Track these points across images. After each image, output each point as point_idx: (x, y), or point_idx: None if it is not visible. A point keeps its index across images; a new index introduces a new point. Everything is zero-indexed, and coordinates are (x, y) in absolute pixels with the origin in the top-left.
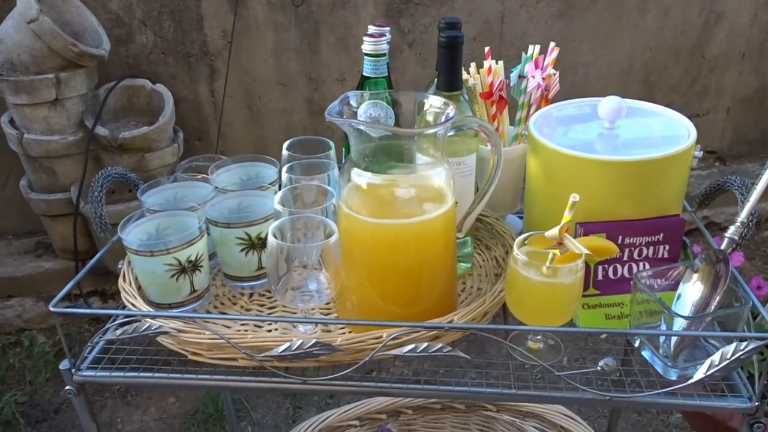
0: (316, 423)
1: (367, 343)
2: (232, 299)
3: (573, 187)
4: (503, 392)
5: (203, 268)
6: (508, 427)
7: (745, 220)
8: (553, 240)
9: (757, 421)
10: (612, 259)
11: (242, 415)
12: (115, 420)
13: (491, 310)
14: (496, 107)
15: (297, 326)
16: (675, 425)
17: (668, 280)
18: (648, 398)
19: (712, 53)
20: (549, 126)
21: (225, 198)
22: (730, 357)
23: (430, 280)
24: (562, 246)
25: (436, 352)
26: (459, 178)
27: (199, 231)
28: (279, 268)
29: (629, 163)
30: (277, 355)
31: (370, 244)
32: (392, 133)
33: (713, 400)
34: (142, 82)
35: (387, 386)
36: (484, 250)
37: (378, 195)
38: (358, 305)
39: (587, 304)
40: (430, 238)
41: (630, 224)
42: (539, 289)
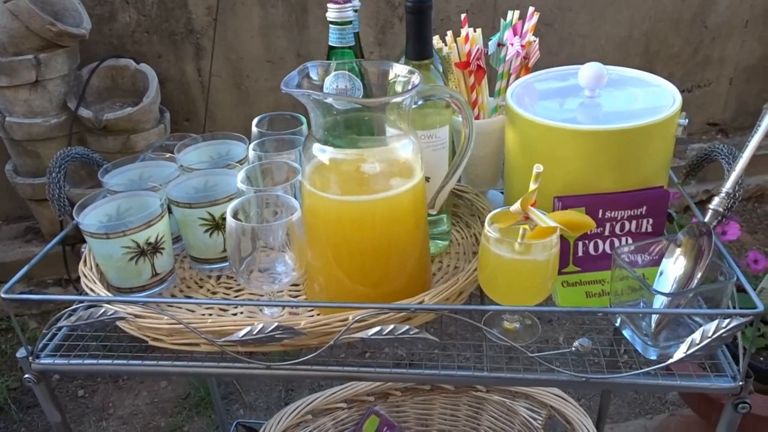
0: (303, 405)
1: (332, 326)
2: (199, 282)
3: (551, 159)
4: (474, 375)
5: (165, 251)
6: (498, 407)
7: (731, 190)
8: (520, 215)
9: (742, 400)
10: (593, 235)
11: (234, 398)
12: (107, 405)
13: (466, 289)
14: (474, 77)
15: (263, 310)
16: (672, 402)
17: (651, 255)
18: (626, 379)
19: (714, 21)
20: (528, 96)
21: (190, 177)
22: (711, 335)
23: (399, 258)
24: (530, 221)
25: (403, 335)
26: (431, 151)
27: (159, 212)
28: (241, 249)
29: (609, 133)
30: (238, 340)
31: (335, 222)
32: (352, 103)
33: (695, 380)
34: (126, 61)
35: (353, 370)
36: (463, 227)
37: (341, 171)
38: (326, 287)
39: (567, 281)
40: (397, 215)
41: (611, 197)
42: (512, 267)
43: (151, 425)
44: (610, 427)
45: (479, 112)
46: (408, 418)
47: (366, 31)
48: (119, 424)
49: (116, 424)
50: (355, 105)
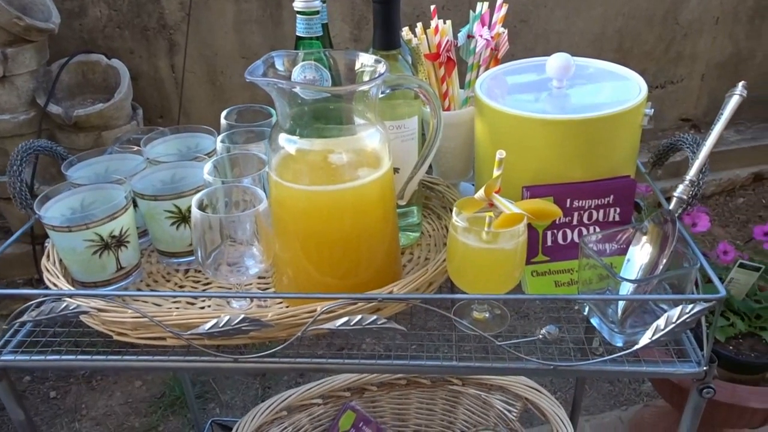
0: (277, 402)
1: (300, 317)
2: (166, 276)
3: (520, 149)
4: (443, 365)
5: (130, 244)
6: (474, 400)
7: (695, 178)
8: (484, 202)
9: (706, 385)
10: (561, 224)
11: (210, 397)
12: (79, 406)
13: (436, 280)
14: (444, 69)
15: (230, 303)
16: (646, 393)
17: (618, 244)
18: (593, 366)
19: (685, 18)
20: (497, 87)
21: (157, 170)
22: (675, 320)
23: (368, 249)
24: (495, 208)
25: (370, 325)
26: (400, 142)
27: (123, 204)
28: (206, 241)
29: (576, 122)
30: (204, 333)
31: (302, 213)
32: (318, 93)
33: (661, 366)
34: (97, 57)
35: (321, 361)
36: (434, 219)
37: (308, 161)
38: (294, 279)
39: (536, 271)
40: (365, 205)
41: (578, 186)
42: (479, 255)
43: (125, 426)
44: (586, 419)
45: (450, 104)
46: (384, 413)
47: (342, 27)
48: (92, 426)
49: (89, 425)
50: (322, 95)
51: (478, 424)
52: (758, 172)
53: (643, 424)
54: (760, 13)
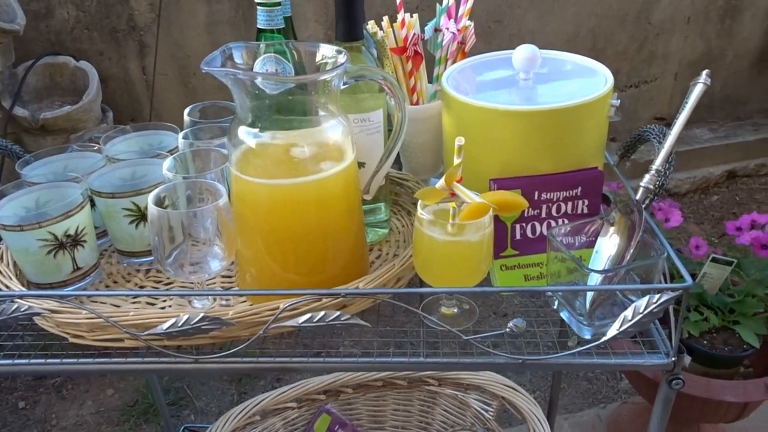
0: (250, 406)
1: (262, 315)
2: (127, 277)
3: (487, 141)
4: (410, 361)
5: (87, 244)
6: (450, 400)
7: (661, 168)
8: (445, 191)
9: (675, 377)
10: (529, 217)
11: (185, 404)
12: (49, 416)
13: (404, 275)
14: (411, 63)
15: (192, 302)
16: (624, 391)
17: (587, 236)
18: (562, 359)
19: (657, 18)
20: (464, 80)
21: (116, 168)
22: (643, 311)
23: (333, 245)
24: (456, 197)
25: (334, 321)
26: (365, 136)
27: (78, 202)
28: (165, 239)
29: (541, 113)
30: (162, 333)
31: (263, 208)
32: (278, 85)
33: (630, 358)
34: (65, 59)
35: (284, 360)
36: (404, 216)
37: (268, 154)
38: (258, 277)
39: (505, 265)
40: (328, 199)
41: (546, 178)
42: (445, 249)
43: None
44: (565, 417)
45: (418, 98)
46: (360, 415)
47: (315, 28)
48: None
49: None
50: (283, 86)
51: (455, 424)
52: (731, 169)
53: (621, 421)
54: (730, 13)
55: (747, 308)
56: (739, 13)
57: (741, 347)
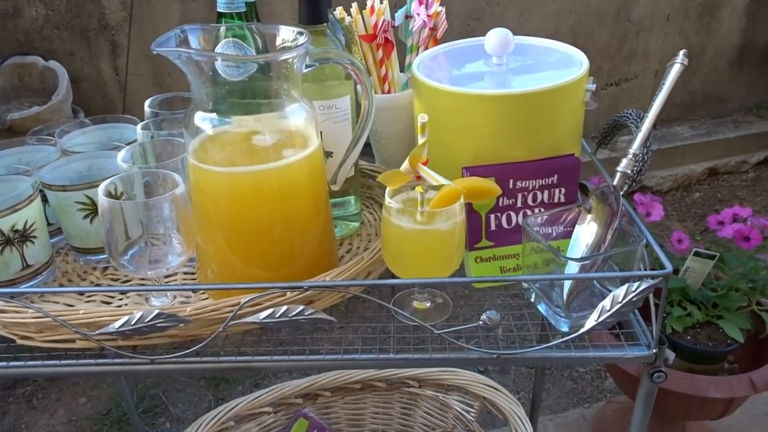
0: (224, 412)
1: (222, 311)
2: (83, 275)
3: (459, 128)
4: (379, 357)
5: (38, 240)
6: (431, 402)
7: (638, 151)
8: (410, 174)
9: (657, 369)
10: (504, 207)
11: (160, 411)
12: (18, 426)
13: (374, 269)
14: (382, 51)
15: (149, 300)
16: (609, 390)
17: (564, 226)
18: (539, 353)
19: (637, 15)
20: (436, 67)
21: (71, 161)
22: (621, 300)
23: (299, 237)
24: (423, 181)
25: (297, 317)
26: (332, 124)
27: (27, 195)
28: (117, 233)
29: (515, 97)
30: (114, 332)
31: (223, 198)
32: (234, 66)
33: (609, 351)
34: (33, 59)
35: (247, 359)
36: (376, 209)
37: (227, 141)
38: (219, 273)
39: (480, 257)
40: (292, 188)
41: (521, 166)
42: (414, 238)
43: None
44: (549, 418)
45: (390, 87)
46: (339, 419)
47: None
48: None
49: None
50: (243, 70)
51: (436, 426)
52: (713, 167)
53: (606, 420)
54: (709, 10)
55: (730, 303)
56: (718, 9)
57: (725, 342)
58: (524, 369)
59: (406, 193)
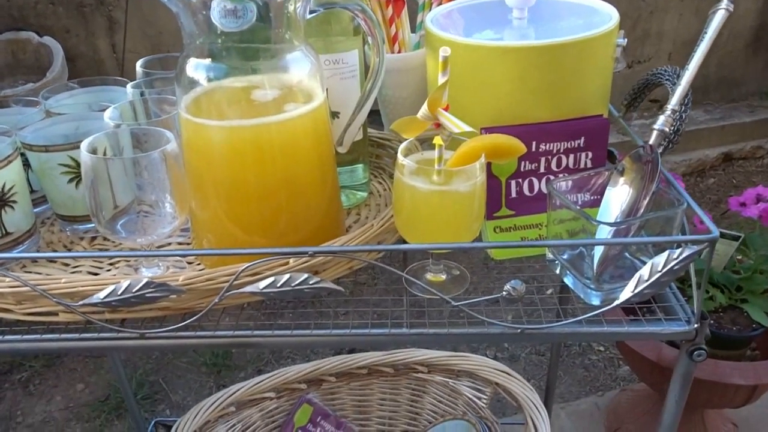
0: (224, 397)
1: (217, 280)
2: (69, 246)
3: (478, 85)
4: (392, 332)
5: (18, 205)
6: (441, 388)
7: (677, 107)
8: (428, 121)
9: (698, 347)
10: (526, 172)
11: (160, 398)
12: (14, 412)
13: (385, 238)
14: (392, 8)
15: (139, 269)
16: (623, 378)
17: (591, 193)
18: (567, 328)
19: None
20: (451, 23)
21: (56, 122)
22: (661, 268)
23: (303, 202)
24: (442, 129)
25: (301, 285)
26: (339, 80)
27: (4, 156)
28: (102, 195)
29: (539, 49)
30: (99, 302)
31: (219, 156)
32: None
33: (645, 326)
34: (28, 35)
35: (246, 334)
36: (385, 179)
37: (222, 92)
38: (217, 243)
39: (500, 227)
40: (295, 146)
41: (545, 127)
42: (430, 200)
43: None
44: (561, 406)
45: (400, 48)
46: (344, 405)
47: None
48: None
49: None
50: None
51: (445, 413)
52: (727, 152)
53: (620, 409)
54: None
55: (755, 285)
56: None
57: (750, 327)
58: (535, 357)
59: (420, 153)
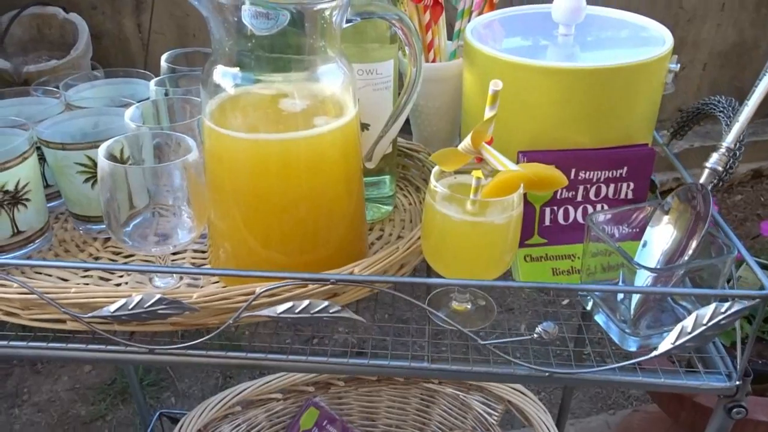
0: (230, 396)
1: (233, 300)
2: (81, 246)
3: (517, 105)
4: (412, 366)
5: (31, 203)
6: (451, 400)
7: (732, 145)
8: (470, 155)
9: (737, 404)
10: (563, 200)
11: (166, 386)
12: (21, 390)
13: (409, 261)
14: (429, 14)
15: (153, 280)
16: (636, 397)
17: (632, 227)
18: (599, 375)
19: (690, 2)
20: (491, 35)
21: (75, 116)
22: (706, 322)
23: (326, 219)
24: (484, 164)
25: (320, 314)
26: (371, 91)
27: (19, 152)
28: (119, 201)
29: (586, 72)
30: (109, 315)
31: (242, 169)
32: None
33: (683, 378)
34: (54, 10)
35: (259, 357)
36: (411, 192)
37: (249, 103)
38: (233, 254)
39: (530, 255)
40: (322, 162)
41: (586, 154)
42: (462, 231)
43: (69, 414)
44: (571, 422)
45: (435, 56)
46: (351, 410)
47: None
48: (33, 412)
49: (30, 411)
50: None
51: (454, 426)
52: (757, 168)
53: (632, 429)
54: (767, 1)
55: None
56: None
57: None
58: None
59: (453, 176)
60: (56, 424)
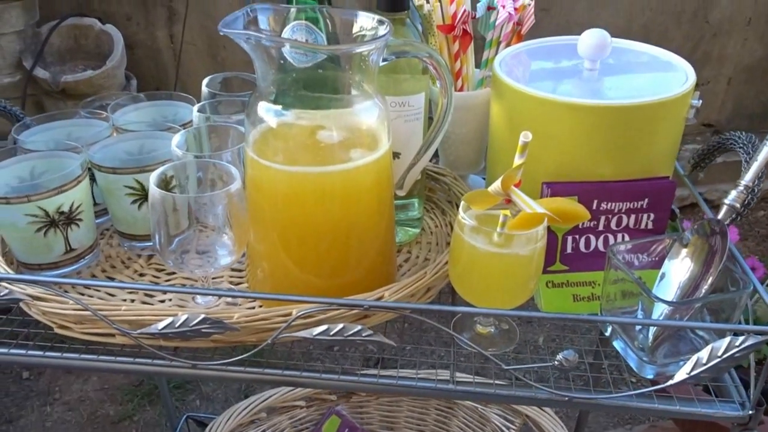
0: (256, 402)
1: (271, 320)
2: (126, 262)
3: (543, 138)
4: (438, 387)
5: (83, 223)
6: (470, 413)
7: (750, 183)
8: (500, 197)
9: None
10: (584, 229)
11: (191, 388)
12: (52, 389)
13: (435, 285)
14: (459, 44)
15: (195, 298)
16: None
17: (651, 256)
18: (617, 401)
19: (716, 17)
20: (519, 66)
21: (122, 140)
22: (721, 354)
23: (358, 245)
24: (512, 205)
25: (353, 337)
26: (403, 122)
27: (75, 176)
28: (168, 225)
29: (610, 109)
30: (156, 333)
31: (281, 198)
32: (306, 55)
33: (697, 406)
34: (90, 21)
35: (294, 374)
36: (437, 215)
37: (291, 136)
38: (271, 275)
39: (552, 281)
40: (356, 193)
41: (609, 186)
42: (488, 261)
43: (98, 413)
44: None
45: (463, 84)
46: (372, 420)
47: None
48: (64, 411)
49: (61, 410)
50: (312, 57)
51: None
52: None
53: None
54: None
55: None
56: None
57: None
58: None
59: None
60: (86, 423)
